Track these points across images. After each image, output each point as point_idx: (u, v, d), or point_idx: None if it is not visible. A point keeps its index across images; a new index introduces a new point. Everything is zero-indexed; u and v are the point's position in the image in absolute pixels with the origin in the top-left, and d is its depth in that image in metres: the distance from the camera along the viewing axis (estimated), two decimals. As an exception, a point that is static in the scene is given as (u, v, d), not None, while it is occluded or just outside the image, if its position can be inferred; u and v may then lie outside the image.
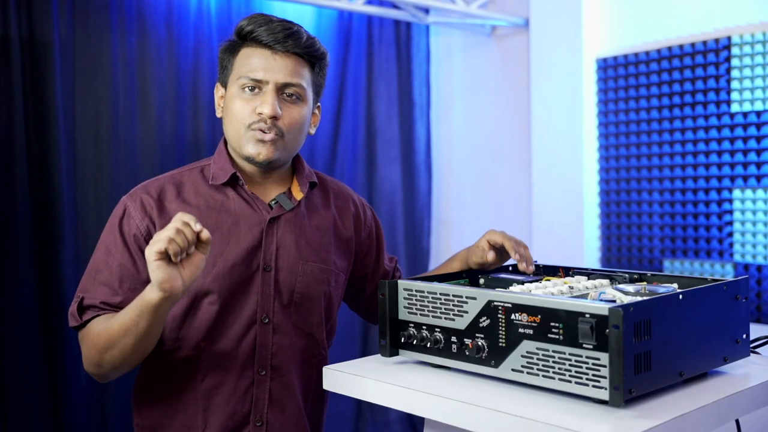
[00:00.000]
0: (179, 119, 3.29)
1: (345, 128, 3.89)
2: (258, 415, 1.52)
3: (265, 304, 1.51)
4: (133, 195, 1.53)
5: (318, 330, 1.59)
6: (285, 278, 1.53)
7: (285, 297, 1.53)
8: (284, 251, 1.54)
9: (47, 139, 2.94)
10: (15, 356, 2.83)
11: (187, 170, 1.60)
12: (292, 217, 1.57)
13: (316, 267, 1.57)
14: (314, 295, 1.56)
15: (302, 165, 1.63)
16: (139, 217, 1.50)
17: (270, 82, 1.49)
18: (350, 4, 3.54)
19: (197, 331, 1.49)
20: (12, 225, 2.84)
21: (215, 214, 1.51)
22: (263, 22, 1.50)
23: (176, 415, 1.51)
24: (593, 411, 1.07)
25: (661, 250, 3.39)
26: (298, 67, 1.51)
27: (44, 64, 2.93)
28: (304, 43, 1.51)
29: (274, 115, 1.47)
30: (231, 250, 1.50)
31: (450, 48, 4.26)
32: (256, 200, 1.55)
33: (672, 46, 3.33)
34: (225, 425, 1.50)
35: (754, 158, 3.09)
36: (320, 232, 1.61)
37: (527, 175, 3.88)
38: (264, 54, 1.49)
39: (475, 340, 1.22)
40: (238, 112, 1.50)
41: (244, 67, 1.50)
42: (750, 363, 1.31)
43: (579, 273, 1.49)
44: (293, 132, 1.52)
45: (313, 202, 1.64)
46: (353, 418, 3.88)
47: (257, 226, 1.53)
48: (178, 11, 3.29)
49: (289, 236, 1.55)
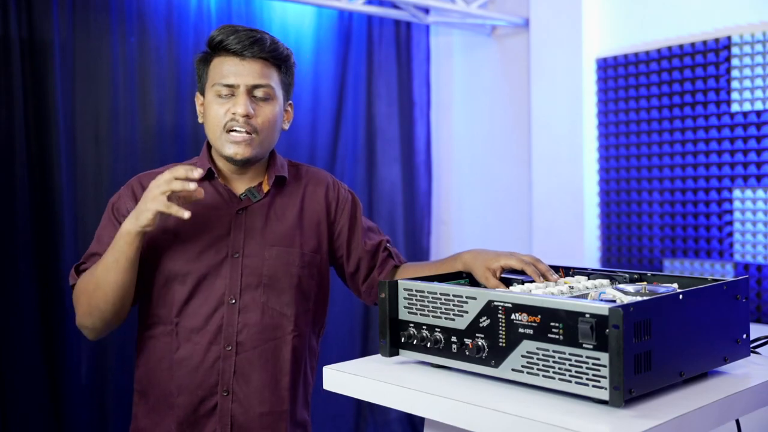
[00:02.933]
0: (179, 119, 3.29)
1: (345, 128, 3.89)
2: (225, 386, 1.68)
3: (233, 287, 1.68)
4: (128, 184, 1.76)
5: (289, 308, 1.73)
6: (252, 263, 1.70)
7: (254, 280, 1.70)
8: (250, 238, 1.71)
9: (47, 139, 2.94)
10: (15, 356, 2.83)
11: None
12: (258, 207, 1.74)
13: (282, 251, 1.73)
14: (281, 276, 1.72)
15: (275, 160, 1.80)
16: (130, 201, 1.71)
17: (241, 85, 1.65)
18: (350, 4, 3.54)
19: (170, 308, 1.68)
20: (12, 225, 2.84)
21: (191, 205, 1.64)
22: (231, 32, 1.67)
23: (156, 383, 1.70)
24: (593, 411, 1.07)
25: (661, 250, 3.39)
26: (265, 69, 1.68)
27: (44, 64, 2.93)
28: (268, 48, 1.68)
29: (247, 113, 1.64)
30: (202, 237, 1.68)
31: (450, 48, 4.26)
32: (229, 193, 1.73)
33: (672, 46, 3.33)
34: (195, 393, 1.67)
35: (754, 158, 3.09)
36: (287, 218, 1.76)
37: (527, 175, 3.88)
38: (233, 61, 1.67)
39: (475, 340, 1.22)
40: (214, 116, 1.67)
41: (217, 75, 1.68)
42: (750, 363, 1.31)
43: (579, 273, 1.49)
44: (267, 129, 1.69)
45: (284, 191, 1.79)
46: (353, 418, 3.88)
47: (227, 216, 1.71)
48: (178, 11, 3.29)
49: (256, 224, 1.72)
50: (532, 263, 1.49)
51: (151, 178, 1.66)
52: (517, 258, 1.51)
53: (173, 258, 1.67)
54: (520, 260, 1.50)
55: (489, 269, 1.53)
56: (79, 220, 3.03)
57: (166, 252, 1.67)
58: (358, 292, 1.90)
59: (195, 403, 1.67)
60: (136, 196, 1.69)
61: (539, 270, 1.47)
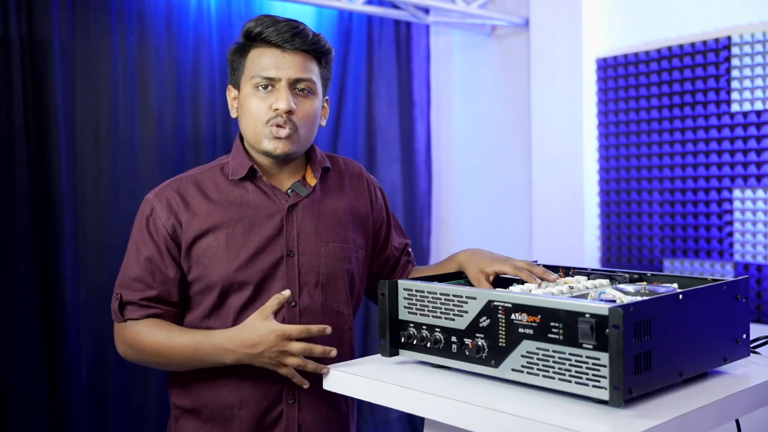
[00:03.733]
0: (179, 119, 3.29)
1: (345, 128, 3.89)
2: (290, 393, 1.59)
3: (292, 289, 1.58)
4: (159, 194, 1.62)
5: (345, 307, 1.66)
6: (309, 261, 1.61)
7: (311, 279, 1.61)
8: (305, 236, 1.62)
9: (47, 139, 2.94)
10: (15, 356, 2.83)
11: (208, 168, 1.68)
12: (308, 203, 1.64)
13: (337, 247, 1.64)
14: (338, 274, 1.64)
15: (315, 153, 1.70)
16: (165, 216, 1.59)
17: (282, 79, 1.56)
18: (350, 4, 3.54)
19: (225, 319, 1.58)
20: (12, 225, 2.84)
21: (236, 207, 1.59)
22: (270, 23, 1.58)
23: (213, 396, 1.59)
24: (593, 411, 1.07)
25: (661, 250, 3.39)
26: (307, 63, 1.59)
27: (44, 64, 2.93)
28: (311, 40, 1.59)
29: (290, 109, 1.55)
30: (253, 240, 1.58)
31: (450, 48, 4.26)
32: (274, 190, 1.62)
33: (672, 46, 3.33)
34: (260, 403, 1.58)
35: (754, 158, 3.09)
36: (337, 212, 1.68)
37: (527, 175, 3.88)
38: (274, 53, 1.57)
39: (475, 340, 1.22)
40: (254, 110, 1.58)
41: (255, 67, 1.58)
42: (750, 363, 1.31)
43: (579, 273, 1.49)
44: (307, 125, 1.60)
45: (329, 185, 1.71)
46: (353, 418, 3.87)
47: (277, 215, 1.61)
48: (178, 11, 3.29)
49: (308, 221, 1.63)
50: (526, 269, 1.47)
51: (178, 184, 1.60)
52: (511, 264, 1.49)
53: (226, 268, 1.56)
54: (514, 267, 1.48)
55: (482, 272, 1.51)
56: (79, 220, 3.03)
57: (217, 263, 1.56)
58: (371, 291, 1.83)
59: (259, 414, 1.58)
60: (172, 207, 1.59)
61: (535, 273, 1.45)
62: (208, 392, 1.60)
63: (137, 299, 1.57)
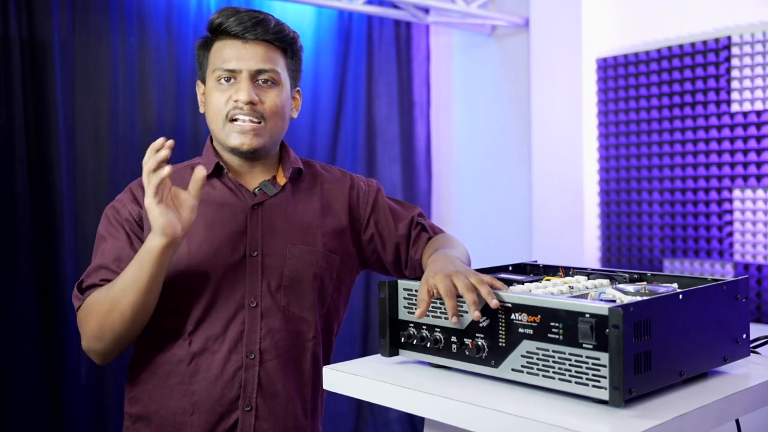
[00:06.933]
0: (179, 119, 3.30)
1: (345, 128, 3.89)
2: (247, 399, 1.52)
3: (253, 289, 1.53)
4: (126, 190, 1.62)
5: (309, 313, 1.58)
6: (272, 262, 1.55)
7: (274, 281, 1.54)
8: (270, 236, 1.56)
9: (47, 138, 2.94)
10: (15, 355, 2.83)
11: (181, 167, 1.65)
12: (277, 203, 1.59)
13: (305, 249, 1.58)
14: (304, 277, 1.57)
15: (288, 153, 1.66)
16: (130, 204, 1.57)
17: (243, 71, 1.52)
18: (350, 4, 3.54)
19: (183, 316, 1.51)
20: (12, 225, 2.84)
21: (201, 205, 1.52)
22: (231, 13, 1.54)
23: (164, 401, 1.52)
24: (593, 411, 1.07)
25: (661, 250, 3.39)
26: (270, 53, 1.54)
27: (44, 64, 2.93)
28: (273, 29, 1.54)
29: (250, 100, 1.51)
30: (215, 236, 1.53)
31: (450, 48, 4.26)
32: (241, 188, 1.58)
33: (672, 46, 3.33)
34: (213, 410, 1.50)
35: (754, 158, 3.09)
36: (308, 214, 1.62)
37: (527, 175, 3.88)
38: (235, 44, 1.53)
39: (475, 340, 1.22)
40: (216, 104, 1.54)
41: (217, 59, 1.54)
42: (750, 363, 1.31)
43: (579, 273, 1.49)
44: (275, 116, 1.55)
45: (301, 186, 1.65)
46: (353, 418, 3.88)
47: (241, 213, 1.56)
48: (178, 11, 3.29)
49: (275, 221, 1.57)
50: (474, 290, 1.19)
51: None
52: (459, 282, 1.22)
53: (186, 262, 1.50)
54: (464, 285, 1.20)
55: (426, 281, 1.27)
56: (79, 220, 3.03)
57: (177, 257, 1.49)
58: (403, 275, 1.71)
59: (212, 422, 1.50)
60: (137, 197, 1.57)
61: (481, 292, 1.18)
62: (160, 396, 1.52)
63: (98, 281, 1.51)
